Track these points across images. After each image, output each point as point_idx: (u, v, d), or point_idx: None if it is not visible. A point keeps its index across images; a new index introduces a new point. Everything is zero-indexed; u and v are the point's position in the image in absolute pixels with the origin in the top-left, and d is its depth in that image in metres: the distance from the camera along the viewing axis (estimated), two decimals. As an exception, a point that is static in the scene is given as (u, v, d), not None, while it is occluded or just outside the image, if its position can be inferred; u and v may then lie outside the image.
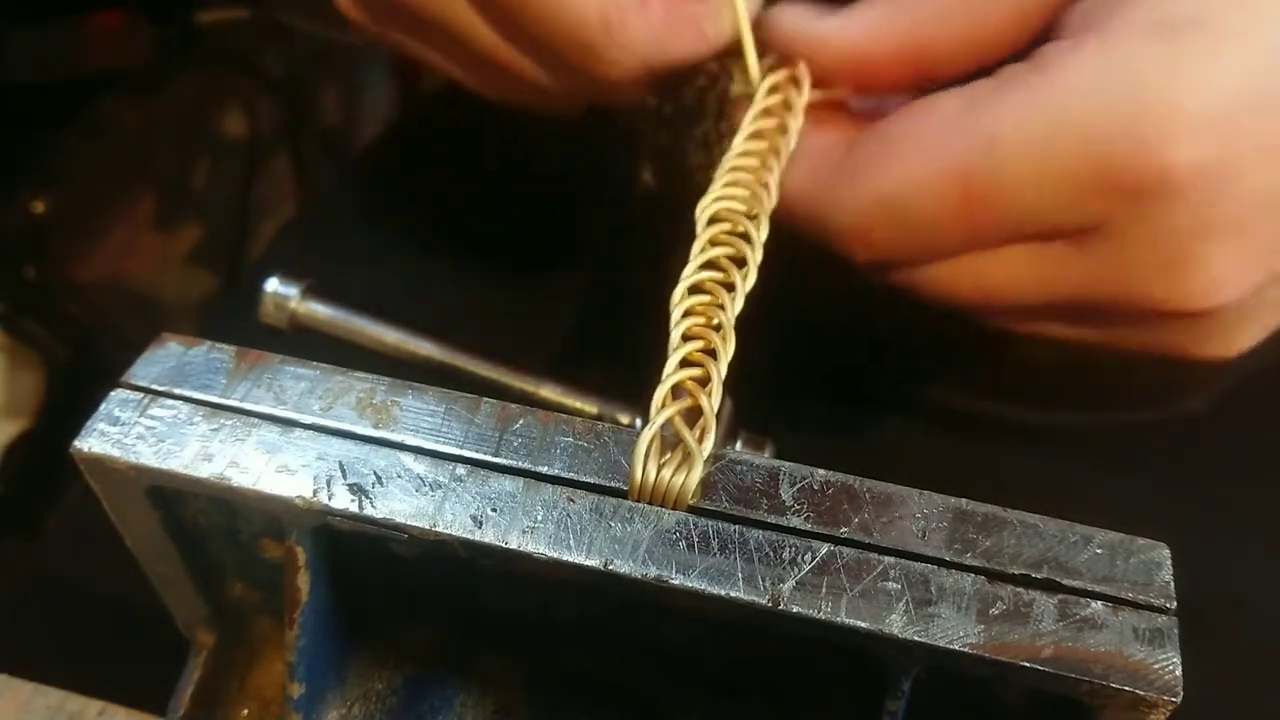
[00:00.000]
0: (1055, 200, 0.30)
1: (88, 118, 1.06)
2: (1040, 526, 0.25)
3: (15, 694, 0.31)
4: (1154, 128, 0.28)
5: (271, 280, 0.43)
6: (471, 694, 0.32)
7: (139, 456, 0.26)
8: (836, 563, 0.24)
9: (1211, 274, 0.30)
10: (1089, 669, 0.23)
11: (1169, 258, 0.30)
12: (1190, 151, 0.28)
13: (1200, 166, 0.28)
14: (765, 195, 0.33)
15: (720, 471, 0.26)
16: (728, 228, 0.31)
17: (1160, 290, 0.30)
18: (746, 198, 0.33)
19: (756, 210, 0.32)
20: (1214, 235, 0.29)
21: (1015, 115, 0.29)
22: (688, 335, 0.28)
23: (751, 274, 0.30)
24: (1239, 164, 0.28)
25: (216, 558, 0.31)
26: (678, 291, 0.29)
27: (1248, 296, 0.31)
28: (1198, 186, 0.28)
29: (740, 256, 0.31)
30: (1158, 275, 0.30)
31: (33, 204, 1.02)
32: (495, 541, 0.24)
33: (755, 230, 0.31)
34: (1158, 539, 0.25)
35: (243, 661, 0.33)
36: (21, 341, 0.88)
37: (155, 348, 0.28)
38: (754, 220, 0.32)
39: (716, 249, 0.31)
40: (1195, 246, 0.29)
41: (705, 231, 0.31)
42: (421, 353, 0.43)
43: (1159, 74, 0.28)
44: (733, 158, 0.34)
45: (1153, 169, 0.28)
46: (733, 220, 0.32)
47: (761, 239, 0.31)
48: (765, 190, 0.33)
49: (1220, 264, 0.30)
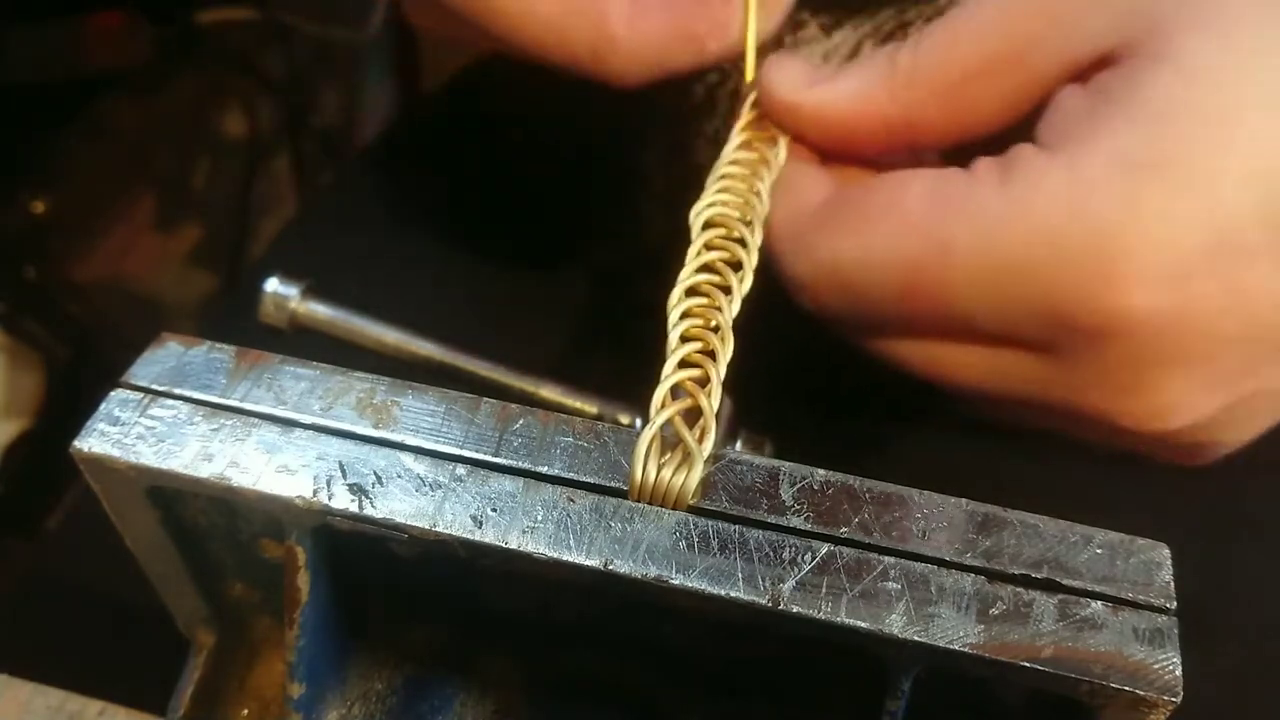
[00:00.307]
0: (1001, 319, 0.29)
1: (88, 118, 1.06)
2: (1040, 526, 0.25)
3: (15, 694, 0.31)
4: (1107, 272, 0.27)
5: (271, 280, 0.43)
6: (471, 694, 0.32)
7: (139, 456, 0.26)
8: (836, 563, 0.24)
9: (1167, 400, 0.29)
10: (1089, 669, 0.23)
11: (1116, 384, 0.29)
12: (1144, 297, 0.27)
13: (1154, 311, 0.27)
14: (758, 202, 0.33)
15: (720, 471, 0.26)
16: (723, 232, 0.32)
17: (1115, 409, 0.30)
18: (740, 203, 0.33)
19: (750, 216, 0.32)
20: (1171, 366, 0.28)
21: (972, 229, 0.29)
22: (686, 337, 0.28)
23: (748, 278, 0.30)
24: (1196, 307, 0.27)
25: (216, 558, 0.31)
26: (675, 294, 0.29)
27: (1215, 414, 0.30)
28: (1151, 328, 0.28)
29: (736, 260, 0.31)
30: (1112, 397, 0.30)
31: (33, 204, 1.02)
32: (495, 541, 0.24)
33: (750, 235, 0.32)
34: (1158, 539, 0.25)
35: (243, 661, 0.33)
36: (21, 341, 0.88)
37: (155, 348, 0.28)
38: (748, 226, 0.32)
39: (712, 253, 0.31)
40: (1149, 376, 0.29)
41: (701, 236, 0.31)
42: (421, 353, 0.43)
43: (1118, 216, 0.27)
44: (723, 165, 0.34)
45: (1104, 311, 0.28)
46: (728, 225, 0.32)
47: (757, 243, 0.32)
48: (758, 197, 0.33)
49: (1178, 391, 0.29)
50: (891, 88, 0.33)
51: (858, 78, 0.33)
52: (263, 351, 0.28)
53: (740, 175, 0.34)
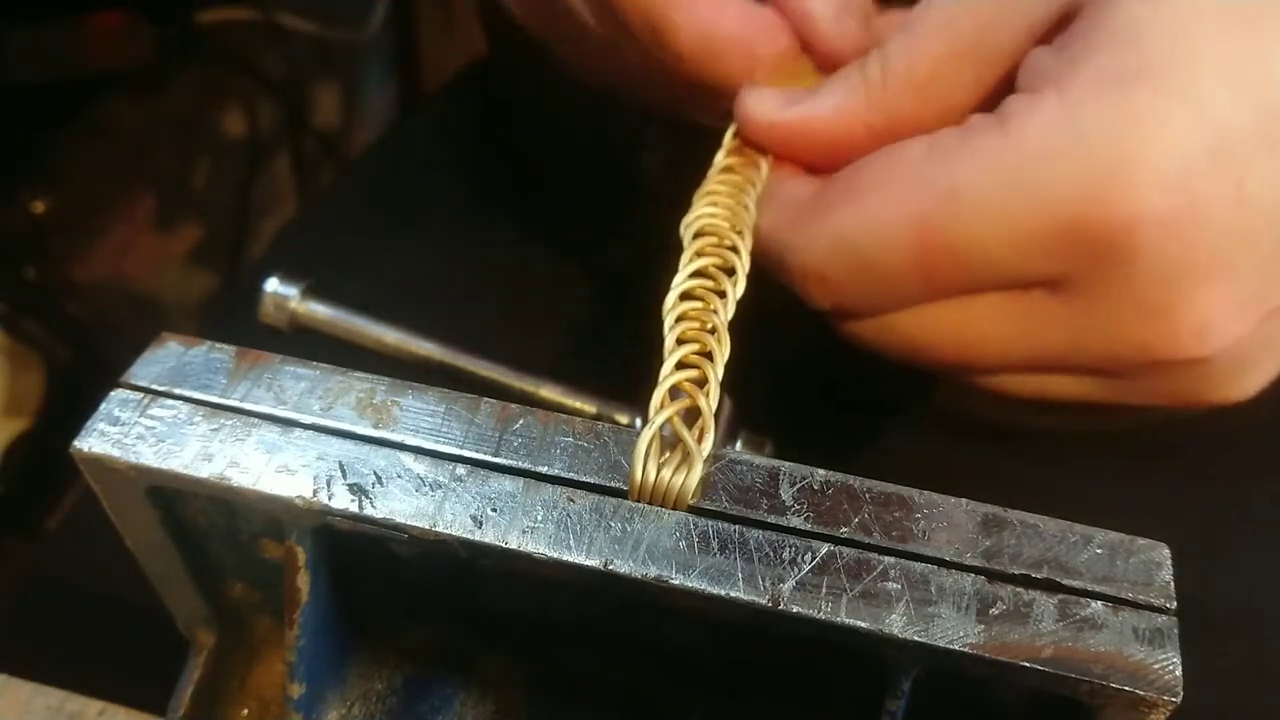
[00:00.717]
0: (1017, 254, 0.29)
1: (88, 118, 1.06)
2: (1040, 526, 0.25)
3: (15, 694, 0.31)
4: (1113, 184, 0.28)
5: (271, 280, 0.43)
6: (471, 694, 0.32)
7: (139, 456, 0.26)
8: (836, 563, 0.24)
9: (1201, 317, 0.29)
10: (1089, 669, 0.23)
11: (1151, 306, 0.29)
12: (1152, 203, 0.27)
13: (1165, 216, 0.28)
14: (746, 214, 0.33)
15: (720, 471, 0.26)
16: (714, 240, 0.32)
17: (1149, 338, 0.30)
18: (729, 215, 0.33)
19: (740, 225, 0.33)
20: (1195, 278, 0.29)
21: (977, 168, 0.29)
22: (683, 339, 0.28)
23: (741, 282, 0.30)
24: (1206, 208, 0.28)
25: (216, 558, 0.31)
26: (669, 299, 0.29)
27: (1247, 335, 0.30)
28: (1166, 235, 0.28)
29: (729, 266, 0.31)
30: (1144, 324, 0.30)
31: (33, 204, 1.02)
32: (495, 541, 0.24)
33: (742, 242, 0.32)
34: (1158, 539, 0.25)
35: (243, 661, 0.33)
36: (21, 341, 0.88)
37: (155, 348, 0.28)
38: (739, 234, 0.32)
39: (705, 259, 0.31)
40: (1176, 292, 0.29)
41: (692, 244, 0.31)
42: (421, 353, 0.43)
43: (1115, 129, 0.28)
44: (709, 184, 0.34)
45: (1115, 224, 0.28)
46: (719, 234, 0.32)
47: (748, 248, 0.32)
48: (745, 210, 0.34)
49: (1208, 305, 0.29)
50: (867, 94, 0.34)
51: (833, 91, 0.34)
52: (263, 351, 0.28)
53: (727, 191, 0.34)
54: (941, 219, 0.30)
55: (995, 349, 0.32)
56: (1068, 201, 0.28)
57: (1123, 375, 0.32)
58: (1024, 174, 0.29)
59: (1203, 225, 0.28)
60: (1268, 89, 0.28)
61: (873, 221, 0.31)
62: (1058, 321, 0.31)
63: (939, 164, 0.30)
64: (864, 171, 0.32)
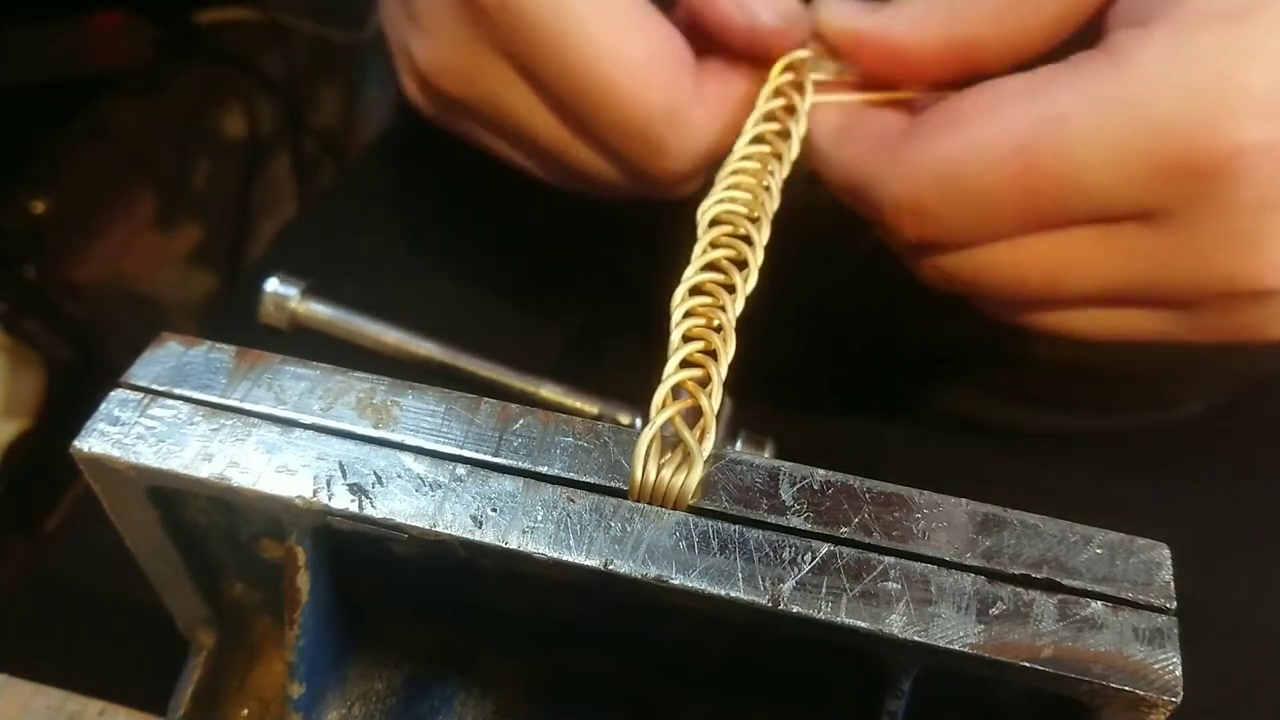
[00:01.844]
0: (1122, 182, 0.30)
1: (88, 118, 1.06)
2: (1040, 526, 0.25)
3: (15, 694, 0.31)
4: (1224, 110, 0.28)
5: (271, 280, 0.43)
6: (471, 694, 0.32)
7: (139, 456, 0.26)
8: (836, 563, 0.24)
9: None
10: (1089, 669, 0.23)
11: (1239, 235, 0.30)
12: (1259, 131, 0.28)
13: (1269, 146, 0.28)
14: (767, 198, 0.33)
15: (720, 471, 0.26)
16: (729, 230, 0.31)
17: (1232, 267, 0.31)
18: (748, 200, 0.32)
19: (758, 213, 0.32)
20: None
21: (1089, 97, 0.30)
22: (688, 336, 0.28)
23: (752, 276, 0.30)
24: None
25: (216, 558, 0.31)
26: (679, 293, 0.29)
27: None
28: (1265, 165, 0.29)
29: (741, 259, 0.31)
30: (1228, 253, 0.30)
31: (33, 204, 1.02)
32: (495, 541, 0.24)
33: (756, 233, 0.31)
34: (1158, 539, 0.25)
35: (243, 661, 0.33)
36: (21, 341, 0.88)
37: (155, 348, 0.28)
38: (755, 223, 0.32)
39: (717, 251, 0.31)
40: (1264, 223, 0.30)
41: (707, 233, 0.31)
42: (421, 353, 0.43)
43: (1226, 58, 0.29)
44: (734, 160, 0.34)
45: (1223, 149, 0.29)
46: (734, 222, 0.32)
47: (763, 241, 0.31)
48: (767, 193, 0.33)
49: None
50: (949, 9, 0.34)
51: (914, 4, 0.34)
52: (263, 351, 0.28)
53: (751, 170, 0.33)
54: (1049, 145, 0.30)
55: (1082, 280, 0.33)
56: (1176, 129, 0.29)
57: (1199, 308, 0.33)
58: (1134, 102, 0.29)
59: None
60: None
61: (979, 148, 0.31)
62: (1148, 252, 0.31)
63: (1047, 93, 0.31)
64: (965, 101, 0.32)
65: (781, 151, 0.35)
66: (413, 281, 0.57)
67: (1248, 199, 0.29)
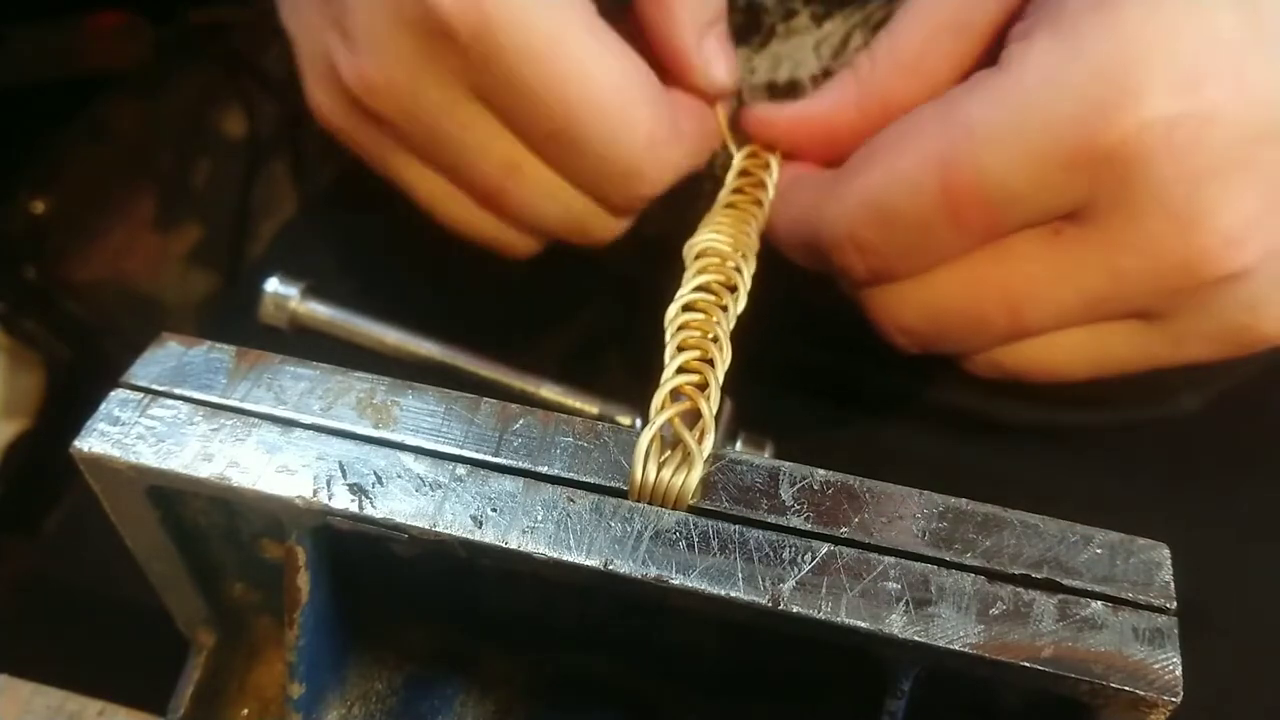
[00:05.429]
0: (1037, 182, 0.30)
1: (88, 118, 1.06)
2: (1040, 526, 0.25)
3: (15, 694, 0.31)
4: (1113, 93, 0.28)
5: (271, 280, 0.43)
6: (471, 694, 0.32)
7: (139, 456, 0.26)
8: (836, 563, 0.24)
9: (1231, 220, 0.29)
10: (1089, 669, 0.23)
11: (1177, 214, 0.29)
12: (1158, 108, 0.28)
13: (1173, 119, 0.28)
14: (748, 240, 0.34)
15: (720, 471, 0.26)
16: (717, 260, 0.32)
17: (1183, 250, 0.30)
18: (731, 239, 0.33)
19: (744, 250, 0.33)
20: (1217, 179, 0.29)
21: (988, 107, 0.30)
22: (684, 346, 0.29)
23: (742, 299, 0.31)
24: (1212, 106, 0.28)
25: (216, 558, 0.31)
26: (672, 309, 0.30)
27: None
28: (1178, 137, 0.28)
29: (732, 283, 0.31)
30: (1174, 236, 0.30)
31: (33, 204, 1.02)
32: (495, 541, 0.24)
33: (744, 263, 0.32)
34: (1158, 539, 0.25)
35: (243, 661, 0.33)
36: (21, 341, 0.88)
37: (155, 348, 0.28)
38: (743, 257, 0.33)
39: (708, 276, 0.31)
40: (1201, 197, 0.29)
41: (694, 264, 0.32)
42: (421, 353, 0.43)
43: (1111, 45, 0.29)
44: (712, 217, 0.35)
45: (1127, 135, 0.28)
46: (721, 255, 0.32)
47: (750, 272, 0.32)
48: (748, 238, 0.34)
49: (1236, 208, 0.29)
50: (858, 82, 0.36)
51: (828, 88, 0.37)
52: (263, 351, 0.28)
53: (730, 222, 0.35)
54: (960, 156, 0.30)
55: (1042, 301, 0.32)
56: (1078, 121, 0.29)
57: (1173, 315, 0.32)
58: (1029, 103, 0.29)
59: (1214, 123, 0.28)
60: None
61: (896, 172, 0.32)
62: (1097, 259, 0.31)
63: (950, 113, 0.31)
64: (879, 138, 0.34)
65: (757, 215, 0.36)
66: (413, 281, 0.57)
67: (1170, 175, 0.29)
